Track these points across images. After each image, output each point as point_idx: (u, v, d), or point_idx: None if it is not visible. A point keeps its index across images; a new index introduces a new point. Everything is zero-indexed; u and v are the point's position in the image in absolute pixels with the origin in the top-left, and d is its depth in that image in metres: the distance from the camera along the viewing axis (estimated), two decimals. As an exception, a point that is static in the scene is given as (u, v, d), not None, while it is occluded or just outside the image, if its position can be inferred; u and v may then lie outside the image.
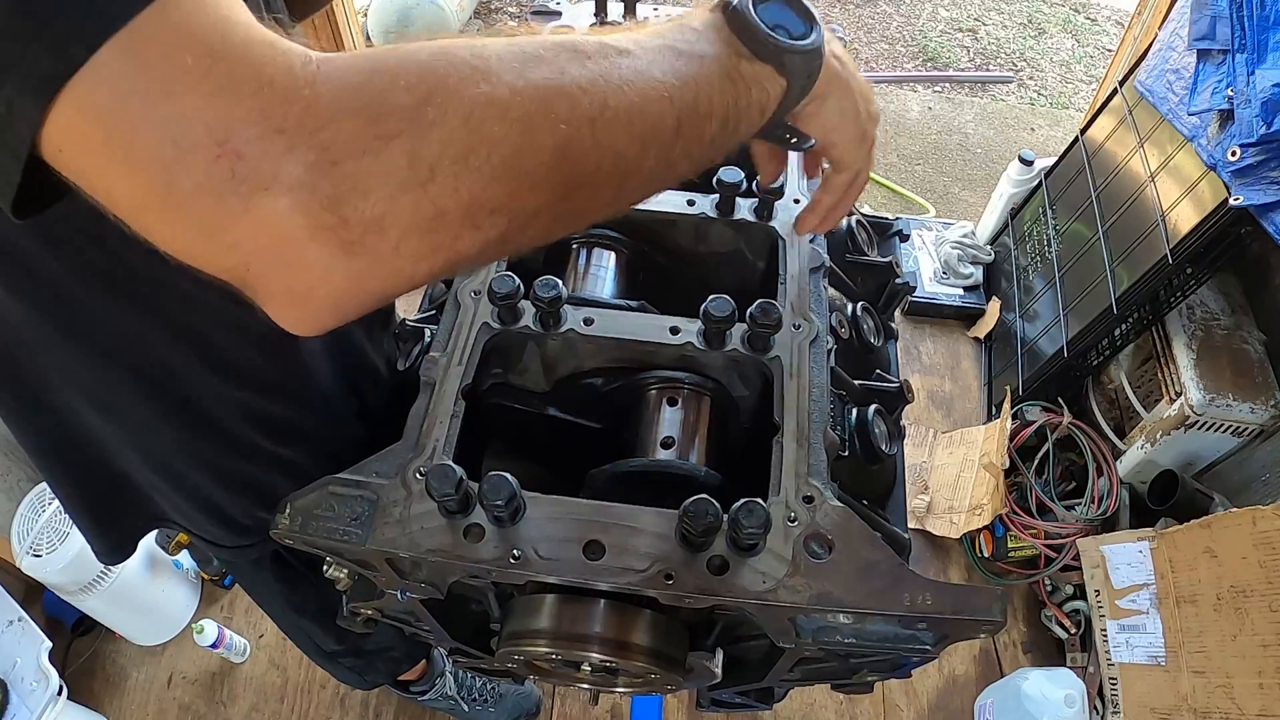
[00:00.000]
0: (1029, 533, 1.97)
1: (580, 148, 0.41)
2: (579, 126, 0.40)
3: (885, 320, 1.02)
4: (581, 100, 0.41)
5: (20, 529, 1.67)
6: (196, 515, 0.96)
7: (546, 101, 0.39)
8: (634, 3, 1.12)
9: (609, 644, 0.69)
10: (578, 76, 0.41)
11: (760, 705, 1.10)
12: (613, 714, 1.88)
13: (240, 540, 0.99)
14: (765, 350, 0.76)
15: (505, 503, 0.62)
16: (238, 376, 0.80)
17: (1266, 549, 1.45)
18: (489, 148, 0.37)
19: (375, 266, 0.37)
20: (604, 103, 0.42)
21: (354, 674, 1.38)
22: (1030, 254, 2.37)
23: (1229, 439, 1.80)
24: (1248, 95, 1.48)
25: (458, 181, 0.37)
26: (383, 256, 0.37)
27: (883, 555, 0.64)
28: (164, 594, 1.88)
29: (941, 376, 2.48)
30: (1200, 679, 1.55)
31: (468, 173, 0.37)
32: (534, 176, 0.39)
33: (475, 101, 0.37)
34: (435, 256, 0.38)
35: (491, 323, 0.78)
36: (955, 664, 1.98)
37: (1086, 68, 3.88)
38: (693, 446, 0.79)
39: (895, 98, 3.58)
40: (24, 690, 1.58)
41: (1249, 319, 1.88)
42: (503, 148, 0.38)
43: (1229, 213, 1.56)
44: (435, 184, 0.36)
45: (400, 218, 0.36)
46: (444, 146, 0.36)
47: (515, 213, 0.39)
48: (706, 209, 0.89)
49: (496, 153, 0.37)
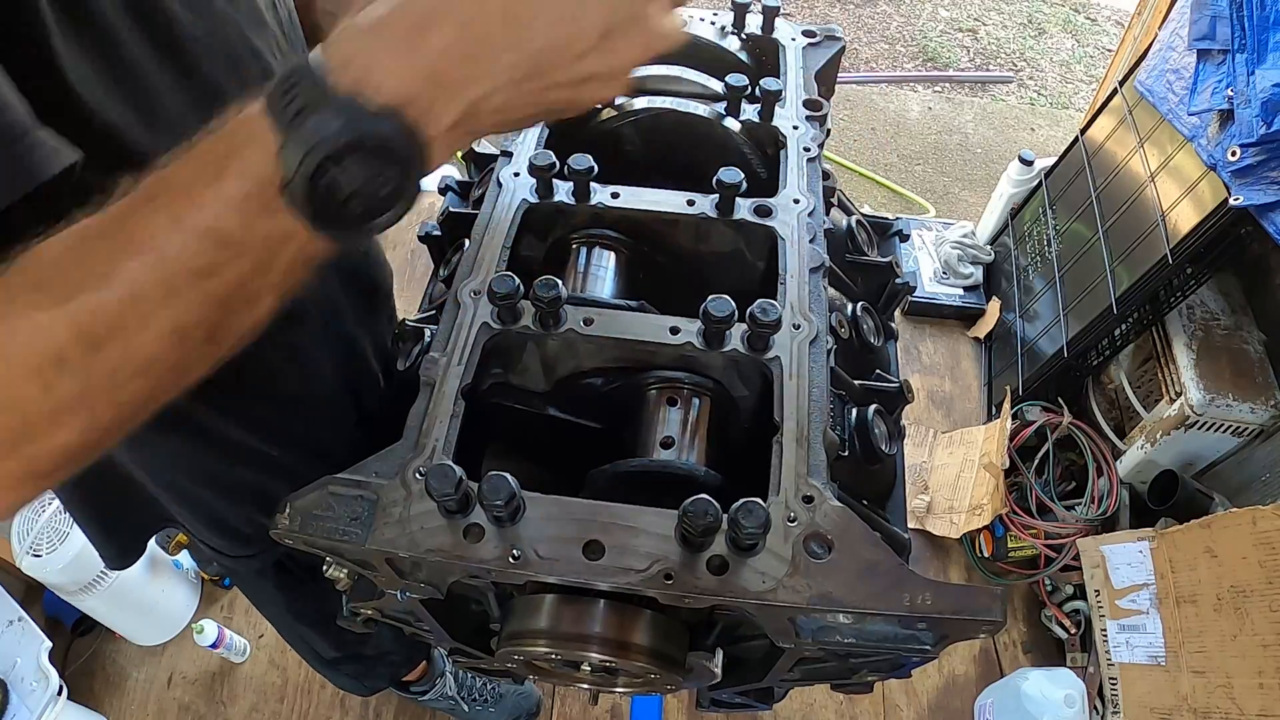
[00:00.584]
0: (1029, 533, 1.97)
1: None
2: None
3: (885, 320, 1.02)
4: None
5: (20, 529, 1.67)
6: (199, 526, 0.96)
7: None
8: (634, 3, 1.12)
9: (609, 644, 0.69)
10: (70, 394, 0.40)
11: (760, 705, 1.10)
12: (613, 714, 1.88)
13: (243, 550, 0.99)
14: (765, 350, 0.76)
15: (505, 503, 0.62)
16: (231, 383, 0.80)
17: (1266, 549, 1.45)
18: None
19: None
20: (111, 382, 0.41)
21: (354, 680, 1.38)
22: (1030, 254, 2.37)
23: (1229, 439, 1.80)
24: (1248, 95, 1.48)
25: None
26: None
27: (883, 555, 0.64)
28: (164, 594, 1.88)
29: (941, 376, 2.48)
30: (1200, 679, 1.55)
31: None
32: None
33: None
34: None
35: (491, 322, 0.77)
36: (955, 664, 1.98)
37: (1086, 68, 3.88)
38: (692, 446, 0.79)
39: (895, 98, 3.58)
40: (24, 690, 1.58)
41: (1249, 319, 1.88)
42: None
43: (1229, 213, 1.56)
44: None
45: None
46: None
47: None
48: (706, 209, 0.88)
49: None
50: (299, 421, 0.88)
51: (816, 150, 0.97)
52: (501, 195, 0.90)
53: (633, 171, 0.97)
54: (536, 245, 0.93)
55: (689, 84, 1.03)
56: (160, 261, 0.39)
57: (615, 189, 0.90)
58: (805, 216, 0.89)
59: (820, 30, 1.15)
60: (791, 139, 0.98)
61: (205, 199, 0.39)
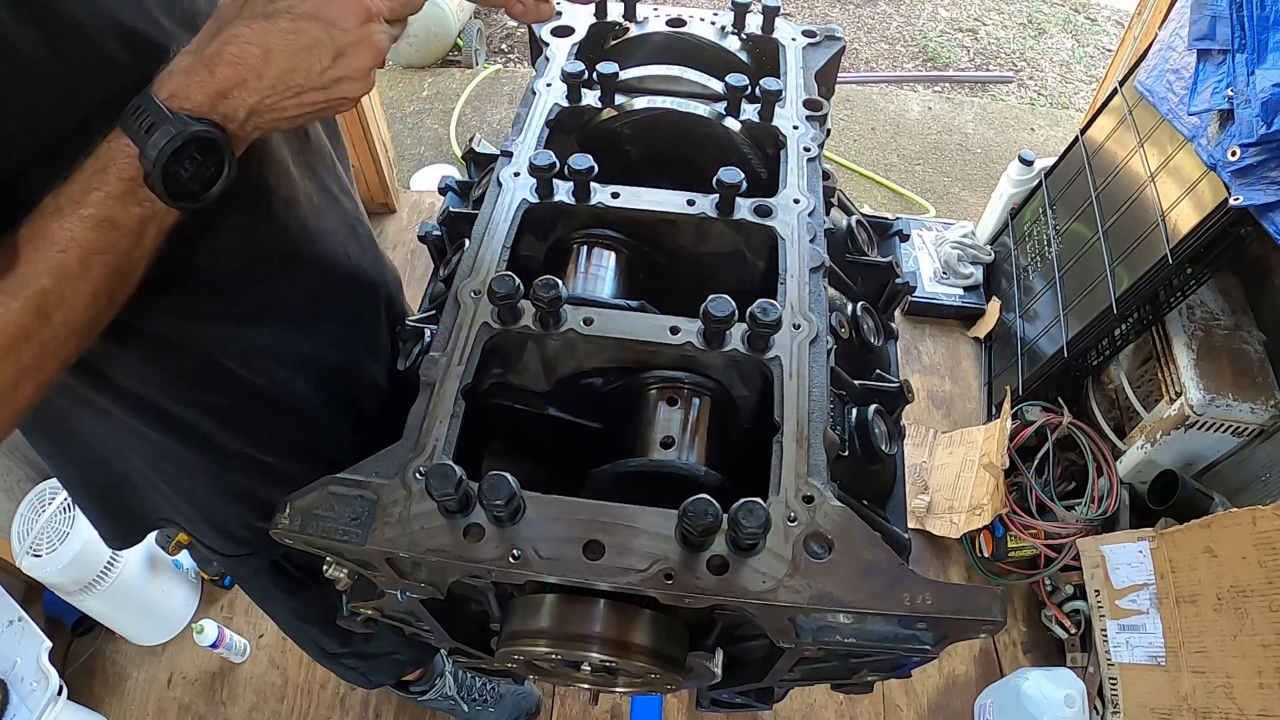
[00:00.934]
0: (1029, 533, 1.97)
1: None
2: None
3: (885, 320, 1.02)
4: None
5: (20, 529, 1.67)
6: (197, 525, 0.97)
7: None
8: (634, 3, 1.12)
9: (609, 644, 0.69)
10: None
11: (760, 705, 1.10)
12: (613, 714, 1.88)
13: (238, 550, 1.00)
14: (765, 350, 0.76)
15: (505, 502, 0.62)
16: (227, 391, 0.80)
17: (1266, 549, 1.45)
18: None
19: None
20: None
21: (358, 674, 1.39)
22: (1030, 254, 2.37)
23: (1229, 439, 1.80)
24: (1248, 95, 1.48)
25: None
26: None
27: (883, 555, 0.64)
28: (164, 594, 1.88)
29: (941, 376, 2.48)
30: (1200, 679, 1.55)
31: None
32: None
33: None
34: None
35: (491, 323, 0.77)
36: (955, 664, 1.98)
37: (1086, 68, 3.88)
38: (692, 446, 0.79)
39: (895, 98, 3.58)
40: (24, 690, 1.58)
41: (1249, 319, 1.88)
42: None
43: (1229, 213, 1.56)
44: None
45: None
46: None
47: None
48: (706, 209, 0.88)
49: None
50: (294, 428, 0.88)
51: (816, 150, 0.97)
52: (502, 195, 0.90)
53: (633, 171, 0.97)
54: (536, 245, 0.93)
55: (689, 84, 1.03)
56: (73, 247, 0.55)
57: (615, 189, 0.90)
58: (805, 216, 0.89)
59: (820, 30, 1.15)
60: (791, 139, 0.98)
61: (94, 200, 0.56)
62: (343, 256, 0.86)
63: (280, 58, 0.57)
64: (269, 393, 0.83)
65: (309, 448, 0.89)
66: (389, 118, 3.24)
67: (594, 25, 1.13)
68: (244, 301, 0.76)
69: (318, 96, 0.61)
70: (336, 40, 0.59)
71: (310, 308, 0.84)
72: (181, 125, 0.55)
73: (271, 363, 0.81)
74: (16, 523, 1.67)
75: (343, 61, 0.60)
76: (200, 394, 0.79)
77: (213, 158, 0.58)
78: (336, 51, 0.59)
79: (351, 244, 0.88)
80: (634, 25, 1.13)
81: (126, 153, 0.56)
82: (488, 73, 3.60)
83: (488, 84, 3.56)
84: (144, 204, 0.57)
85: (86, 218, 0.55)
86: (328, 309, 0.86)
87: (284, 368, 0.83)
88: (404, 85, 3.55)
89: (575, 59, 1.07)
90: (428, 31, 3.52)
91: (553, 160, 0.86)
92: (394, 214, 2.78)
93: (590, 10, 1.13)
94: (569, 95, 1.00)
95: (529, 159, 0.88)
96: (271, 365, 0.82)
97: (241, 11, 0.58)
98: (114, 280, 0.58)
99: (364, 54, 0.60)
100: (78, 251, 0.55)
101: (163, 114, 0.55)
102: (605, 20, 1.13)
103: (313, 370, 0.86)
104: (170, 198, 0.58)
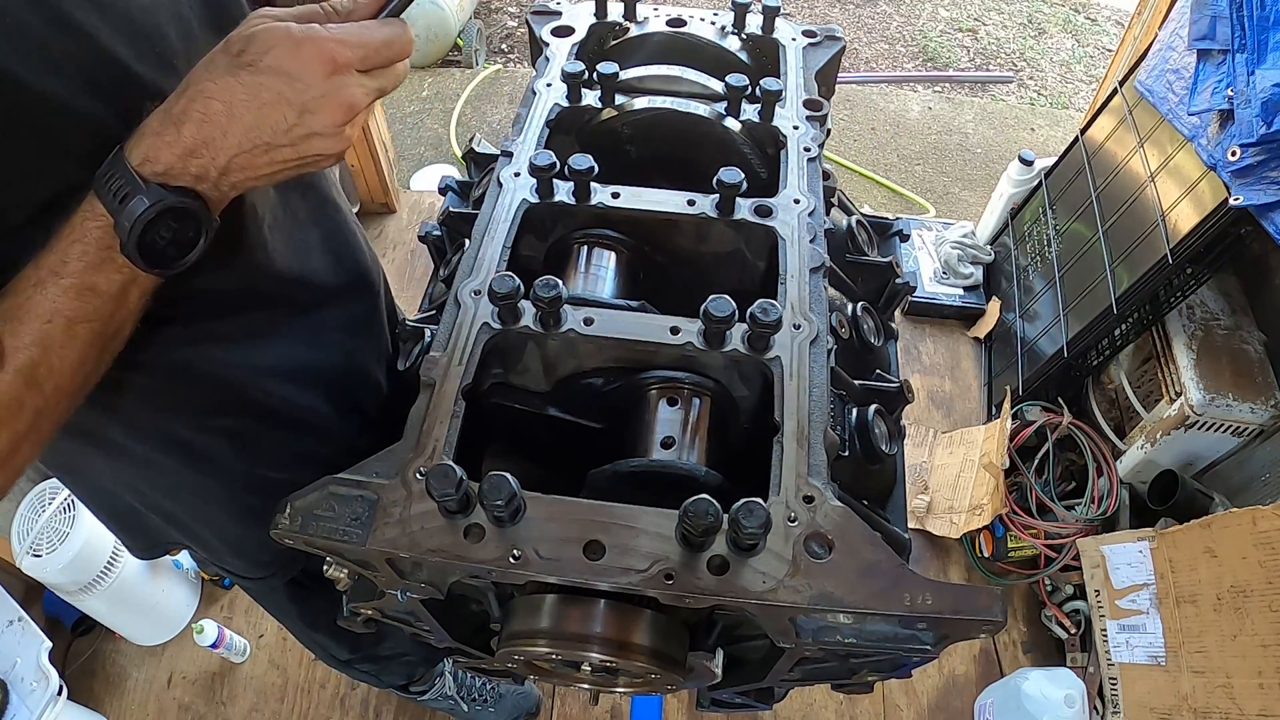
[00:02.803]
0: (1029, 533, 1.97)
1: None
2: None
3: (885, 320, 1.02)
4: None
5: (20, 529, 1.67)
6: (216, 547, 0.98)
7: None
8: (634, 3, 1.12)
9: (609, 644, 0.69)
10: None
11: (760, 705, 1.10)
12: (613, 714, 1.88)
13: (259, 573, 1.01)
14: (765, 350, 0.76)
15: (505, 502, 0.62)
16: (238, 414, 0.80)
17: (1266, 549, 1.45)
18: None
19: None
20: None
21: (370, 676, 1.40)
22: (1030, 254, 2.37)
23: (1229, 439, 1.80)
24: (1248, 95, 1.48)
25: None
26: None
27: (883, 555, 0.64)
28: (164, 594, 1.88)
29: (941, 376, 2.48)
30: (1200, 679, 1.55)
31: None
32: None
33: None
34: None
35: (492, 323, 0.77)
36: (955, 664, 1.98)
37: (1086, 68, 3.88)
38: (693, 446, 0.79)
39: (895, 98, 3.58)
40: (24, 690, 1.58)
41: (1249, 319, 1.88)
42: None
43: (1229, 213, 1.56)
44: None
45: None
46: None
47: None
48: (706, 209, 0.88)
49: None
50: (306, 441, 0.88)
51: (816, 150, 0.97)
52: (502, 195, 0.90)
53: (633, 171, 0.97)
54: (537, 245, 0.93)
55: (689, 84, 1.03)
56: (57, 316, 0.56)
57: (616, 189, 0.90)
58: (805, 216, 0.89)
59: (820, 30, 1.15)
60: (792, 139, 0.98)
61: (73, 270, 0.56)
62: (334, 263, 0.86)
63: (244, 113, 0.56)
64: (280, 410, 0.83)
65: (321, 459, 0.89)
66: (389, 118, 3.24)
67: (594, 25, 1.13)
68: (244, 322, 0.76)
69: (289, 154, 0.59)
70: (300, 95, 0.56)
71: (310, 318, 0.84)
72: (155, 196, 0.54)
73: (279, 378, 0.82)
74: (16, 523, 1.67)
75: (309, 118, 0.57)
76: (211, 418, 0.79)
77: (190, 223, 0.58)
78: (301, 107, 0.57)
79: (343, 248, 0.88)
80: (634, 25, 1.13)
81: (101, 222, 0.56)
82: (488, 73, 3.60)
83: (488, 84, 3.56)
84: (123, 270, 0.57)
85: (68, 287, 0.55)
86: (327, 317, 0.86)
87: (291, 381, 0.83)
88: (404, 85, 3.54)
89: (575, 59, 1.07)
90: (428, 31, 3.52)
91: (553, 160, 0.86)
92: (394, 214, 2.78)
93: (590, 10, 1.13)
94: (569, 95, 1.00)
95: (529, 159, 0.88)
96: (279, 381, 0.82)
97: (208, 68, 0.57)
98: (101, 342, 0.59)
99: (332, 109, 0.58)
100: (62, 321, 0.56)
101: (136, 183, 0.54)
102: (605, 20, 1.13)
103: (320, 380, 0.86)
104: (148, 265, 0.57)
